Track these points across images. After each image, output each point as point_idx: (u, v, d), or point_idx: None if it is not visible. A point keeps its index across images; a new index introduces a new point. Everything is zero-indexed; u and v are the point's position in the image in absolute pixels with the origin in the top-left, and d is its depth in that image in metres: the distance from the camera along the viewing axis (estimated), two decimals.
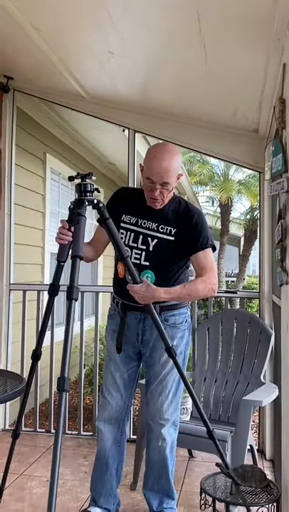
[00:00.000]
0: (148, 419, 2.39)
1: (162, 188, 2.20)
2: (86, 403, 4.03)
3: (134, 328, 2.34)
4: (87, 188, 2.11)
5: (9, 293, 3.72)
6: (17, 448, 3.25)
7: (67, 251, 2.13)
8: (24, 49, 2.97)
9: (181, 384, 2.36)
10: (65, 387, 1.78)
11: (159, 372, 2.33)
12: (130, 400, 2.45)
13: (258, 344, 3.10)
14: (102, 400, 2.44)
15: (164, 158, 2.18)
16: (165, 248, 2.27)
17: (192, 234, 2.27)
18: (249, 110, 3.08)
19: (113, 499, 2.44)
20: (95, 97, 3.54)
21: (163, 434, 2.33)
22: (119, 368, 2.38)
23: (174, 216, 2.29)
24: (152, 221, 2.29)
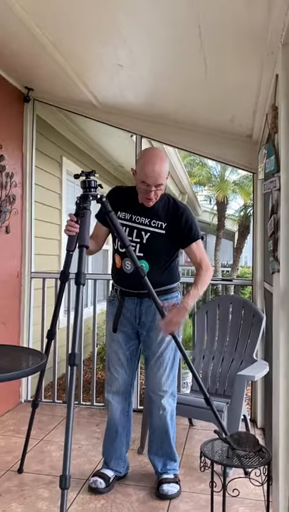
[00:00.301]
0: (149, 391, 2.41)
1: (156, 189, 2.21)
2: (98, 378, 4.05)
3: (132, 312, 2.35)
4: (91, 184, 2.14)
5: (31, 280, 3.73)
6: (37, 417, 3.29)
7: (75, 241, 2.16)
8: (42, 62, 2.95)
9: (177, 359, 2.39)
10: (75, 362, 1.80)
11: (156, 350, 2.34)
12: (134, 373, 2.47)
13: (250, 326, 3.09)
14: (109, 375, 2.45)
15: (156, 163, 2.18)
16: (157, 241, 2.28)
17: (184, 228, 2.29)
18: (244, 117, 3.06)
19: (123, 462, 2.46)
20: (106, 106, 3.52)
21: (163, 404, 2.34)
22: (121, 346, 2.39)
23: (165, 212, 2.30)
24: (145, 217, 2.30)
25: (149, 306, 2.30)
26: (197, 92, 2.88)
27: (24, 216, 3.70)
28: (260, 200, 3.42)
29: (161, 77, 2.83)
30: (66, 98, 3.57)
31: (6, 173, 3.39)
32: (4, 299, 3.43)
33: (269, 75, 2.33)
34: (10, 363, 2.00)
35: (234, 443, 1.96)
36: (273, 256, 1.94)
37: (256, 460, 1.91)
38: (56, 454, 2.77)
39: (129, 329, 2.38)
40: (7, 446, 2.84)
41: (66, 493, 1.69)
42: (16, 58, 3.01)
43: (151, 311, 2.31)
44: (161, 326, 2.20)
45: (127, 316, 2.36)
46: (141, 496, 2.32)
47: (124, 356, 2.40)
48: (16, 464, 2.59)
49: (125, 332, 2.38)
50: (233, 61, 2.33)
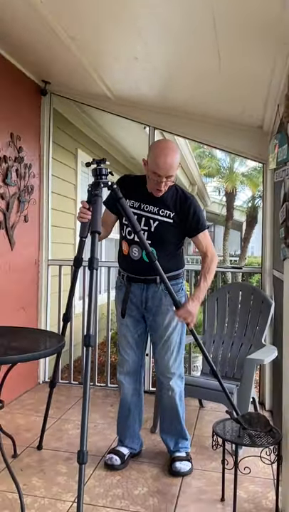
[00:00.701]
0: (158, 374, 2.41)
1: (167, 180, 2.19)
2: (112, 360, 4.05)
3: (138, 297, 2.34)
4: (102, 171, 2.12)
5: (48, 267, 3.74)
6: (55, 397, 3.31)
7: (87, 228, 2.16)
8: (60, 56, 2.92)
9: (183, 342, 2.39)
10: (90, 343, 1.80)
11: (163, 334, 2.33)
12: (143, 355, 2.48)
13: (259, 312, 3.07)
14: (120, 357, 2.46)
15: (168, 154, 2.16)
16: (164, 229, 2.27)
17: (192, 219, 2.28)
18: (255, 108, 3.01)
19: (137, 440, 2.47)
20: (120, 99, 3.48)
21: (171, 385, 2.35)
22: (130, 329, 2.39)
23: (173, 202, 2.28)
24: (153, 205, 2.28)
25: (156, 291, 2.30)
26: (210, 84, 2.83)
27: (41, 206, 3.69)
28: (269, 189, 3.38)
29: (174, 69, 2.78)
30: (82, 91, 3.54)
31: (25, 164, 3.38)
32: (23, 285, 3.45)
33: (281, 65, 2.28)
34: (30, 345, 2.01)
35: (245, 423, 1.95)
36: (285, 243, 1.91)
37: (267, 440, 1.91)
38: (73, 432, 2.79)
39: (136, 313, 2.38)
40: (27, 425, 2.87)
41: (84, 467, 1.70)
42: (33, 51, 2.97)
43: (157, 296, 2.31)
44: (178, 315, 2.22)
45: (133, 301, 2.35)
46: (154, 473, 2.33)
47: (132, 339, 2.40)
48: (36, 441, 2.61)
49: (133, 316, 2.38)
50: (247, 52, 2.27)
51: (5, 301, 3.18)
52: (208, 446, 2.60)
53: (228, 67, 2.52)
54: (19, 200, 3.31)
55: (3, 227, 3.12)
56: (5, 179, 3.10)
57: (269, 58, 2.27)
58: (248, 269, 4.07)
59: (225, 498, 2.10)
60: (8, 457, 2.34)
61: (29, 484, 2.17)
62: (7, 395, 3.09)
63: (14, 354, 1.81)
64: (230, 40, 2.22)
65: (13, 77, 3.25)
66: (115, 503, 2.04)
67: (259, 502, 2.09)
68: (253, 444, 1.88)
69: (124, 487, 2.18)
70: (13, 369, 2.11)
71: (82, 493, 1.68)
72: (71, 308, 2.44)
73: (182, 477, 2.29)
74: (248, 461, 2.19)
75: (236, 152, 3.65)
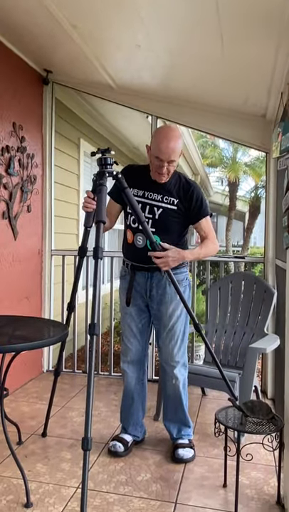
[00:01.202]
0: (162, 362, 2.42)
1: (169, 165, 2.19)
2: (115, 350, 4.08)
3: (142, 285, 2.35)
4: (107, 161, 2.13)
5: (51, 257, 3.74)
6: (59, 385, 3.34)
7: (92, 217, 2.16)
8: (62, 44, 2.89)
9: (187, 331, 2.40)
10: (95, 332, 1.82)
11: (167, 323, 2.34)
12: (147, 344, 2.49)
13: (262, 301, 3.07)
14: (123, 346, 2.48)
15: (170, 140, 2.17)
16: (169, 216, 2.27)
17: (195, 205, 2.29)
18: (258, 97, 2.97)
19: (140, 428, 2.49)
20: (122, 88, 3.45)
21: (175, 373, 2.36)
22: (134, 319, 2.40)
23: (176, 189, 2.29)
24: (157, 193, 2.29)
25: (160, 280, 2.31)
26: (213, 72, 2.80)
27: (44, 196, 3.68)
28: (272, 179, 3.35)
29: (177, 57, 2.75)
30: (84, 80, 3.50)
31: (27, 154, 3.37)
32: (27, 275, 3.46)
33: (285, 53, 2.25)
34: (34, 334, 2.02)
35: (247, 410, 1.96)
36: (288, 231, 1.90)
37: (269, 427, 1.92)
38: (77, 420, 2.81)
39: (140, 302, 2.39)
40: (31, 412, 2.89)
41: (88, 454, 1.72)
42: (35, 40, 2.94)
43: (161, 285, 2.31)
44: (153, 256, 2.16)
45: (138, 289, 2.36)
46: (157, 460, 2.35)
47: (136, 328, 2.41)
48: (40, 428, 2.64)
49: (137, 305, 2.39)
50: (250, 38, 2.24)
51: (9, 290, 3.19)
52: (211, 434, 2.62)
53: (231, 56, 2.49)
54: (22, 190, 3.30)
55: (6, 217, 3.11)
56: (8, 169, 3.09)
57: (272, 46, 2.24)
58: (251, 258, 4.05)
59: (227, 485, 2.12)
60: (13, 444, 2.36)
61: (34, 470, 2.20)
62: (12, 384, 3.13)
63: (18, 343, 1.82)
64: (234, 27, 2.19)
65: (15, 66, 3.23)
66: (119, 489, 2.06)
67: (261, 488, 2.11)
68: (255, 431, 1.89)
69: (128, 473, 2.20)
70: (17, 358, 2.12)
71: (87, 479, 1.70)
72: (75, 298, 2.44)
73: (185, 464, 2.31)
74: (250, 448, 2.21)
75: (239, 141, 3.62)
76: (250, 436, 2.26)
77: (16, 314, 2.96)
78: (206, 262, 3.83)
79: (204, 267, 4.75)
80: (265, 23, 2.06)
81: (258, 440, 1.96)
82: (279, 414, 2.03)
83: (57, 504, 1.93)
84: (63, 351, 2.58)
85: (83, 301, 3.86)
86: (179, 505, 1.96)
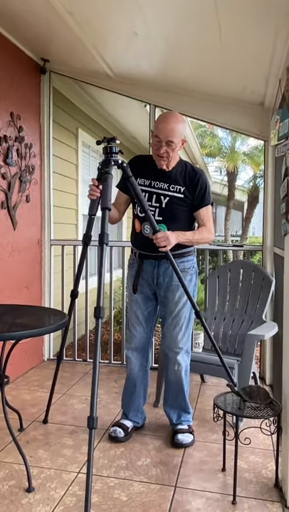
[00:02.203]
0: (165, 348, 2.43)
1: (167, 147, 2.20)
2: (115, 339, 4.10)
3: (150, 273, 2.36)
4: (112, 149, 2.14)
5: (50, 247, 3.74)
6: (60, 373, 3.35)
7: (96, 205, 2.19)
8: (59, 32, 2.85)
9: (192, 318, 2.41)
10: (100, 315, 1.83)
11: (173, 309, 2.35)
12: (151, 332, 2.50)
13: (260, 289, 3.07)
14: (128, 333, 2.49)
15: (169, 120, 2.21)
16: (175, 205, 2.28)
17: (199, 192, 2.30)
18: (257, 84, 2.95)
19: (140, 414, 2.51)
20: (120, 76, 3.42)
21: (178, 360, 2.37)
22: (140, 306, 2.42)
23: (182, 177, 2.30)
24: (164, 182, 2.29)
25: (167, 268, 2.32)
26: (211, 59, 2.77)
27: (43, 186, 3.67)
28: (271, 167, 3.34)
29: (175, 45, 2.72)
30: (82, 69, 3.47)
31: (25, 143, 3.34)
32: (27, 264, 3.45)
33: (283, 39, 2.23)
34: (34, 322, 2.03)
35: (246, 395, 1.98)
36: (286, 218, 1.90)
37: (267, 412, 1.93)
38: (78, 407, 2.83)
39: (147, 290, 2.40)
40: (32, 400, 2.91)
41: (94, 432, 1.73)
42: (31, 28, 2.91)
43: (168, 272, 2.32)
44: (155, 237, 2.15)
45: (145, 277, 2.37)
46: (157, 445, 2.37)
47: (142, 316, 2.42)
48: (41, 415, 2.66)
49: (144, 293, 2.40)
50: (248, 24, 2.21)
51: (9, 280, 3.19)
52: (210, 420, 2.64)
53: (229, 43, 2.46)
54: (20, 180, 3.29)
55: (5, 206, 3.10)
56: (6, 159, 3.08)
57: (271, 32, 2.21)
58: (249, 247, 4.05)
59: (226, 469, 2.14)
60: (15, 431, 2.39)
61: (35, 456, 2.22)
62: (13, 372, 3.14)
63: (18, 330, 1.83)
64: (231, 14, 2.16)
65: (12, 55, 3.19)
66: (119, 474, 2.08)
67: (259, 472, 2.13)
68: (253, 416, 1.91)
69: (128, 458, 2.22)
70: (18, 346, 2.13)
71: (92, 458, 1.70)
72: (78, 285, 2.47)
73: (184, 448, 2.33)
74: (248, 433, 2.23)
75: (238, 130, 3.60)
76: (249, 421, 2.29)
77: (16, 303, 2.97)
78: (205, 251, 3.83)
79: (203, 256, 4.75)
80: (262, 9, 2.03)
81: (256, 425, 1.97)
82: (277, 400, 2.04)
83: (58, 488, 1.95)
84: (66, 338, 2.61)
85: (83, 291, 3.86)
86: (178, 488, 1.98)
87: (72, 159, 4.77)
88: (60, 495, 1.90)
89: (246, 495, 1.94)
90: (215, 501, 1.89)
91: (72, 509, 1.81)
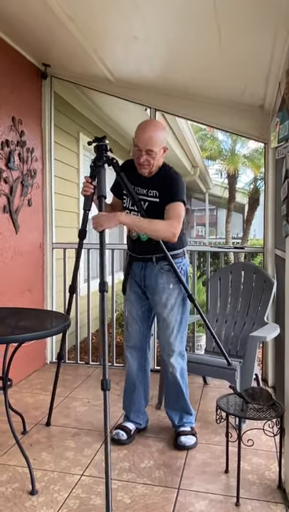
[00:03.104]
0: (161, 351, 2.45)
1: (148, 156, 2.21)
2: (117, 341, 4.09)
3: (138, 275, 2.41)
4: (102, 147, 2.25)
5: (52, 251, 3.74)
6: (62, 376, 3.35)
7: (90, 201, 2.30)
8: (60, 38, 2.87)
9: (184, 321, 2.40)
10: (105, 289, 1.95)
11: (161, 312, 2.36)
12: (148, 331, 2.51)
13: (262, 291, 3.07)
14: (125, 332, 2.52)
15: (149, 129, 2.21)
16: (154, 209, 2.28)
17: (168, 189, 2.26)
18: (256, 87, 2.95)
19: (142, 415, 2.51)
20: (120, 81, 3.43)
21: (172, 362, 2.38)
22: (134, 305, 2.45)
23: (158, 181, 2.29)
24: (143, 188, 2.31)
25: (152, 270, 2.35)
26: (210, 63, 2.78)
27: (45, 190, 3.68)
28: (271, 169, 3.34)
29: (175, 48, 2.73)
30: (82, 74, 3.49)
31: (27, 148, 3.36)
32: (29, 268, 3.46)
33: (282, 41, 2.23)
34: (36, 324, 2.03)
35: (248, 397, 1.97)
36: (286, 220, 1.90)
37: (269, 413, 1.93)
38: (80, 410, 2.83)
39: (139, 290, 2.43)
40: (35, 403, 2.91)
41: (108, 394, 1.87)
42: (32, 33, 2.92)
43: (153, 274, 2.35)
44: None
45: (135, 279, 2.43)
46: (160, 447, 2.37)
47: (137, 314, 2.45)
48: (44, 418, 2.65)
49: (136, 292, 2.44)
50: (247, 27, 2.22)
51: (11, 283, 3.20)
52: (213, 421, 2.64)
53: (228, 45, 2.47)
54: (22, 184, 3.30)
55: (7, 211, 3.11)
56: (8, 163, 3.09)
57: (270, 35, 2.22)
58: (251, 249, 4.05)
59: (229, 470, 2.13)
60: (18, 434, 2.38)
61: (38, 459, 2.22)
62: (16, 375, 3.14)
63: (21, 333, 1.83)
64: (231, 17, 2.16)
65: (13, 60, 3.21)
66: (122, 476, 2.08)
67: (262, 473, 2.12)
68: (255, 417, 1.90)
69: (131, 460, 2.22)
70: (21, 350, 2.13)
71: (109, 417, 1.87)
72: (77, 280, 2.52)
73: (187, 451, 2.32)
74: (251, 435, 2.23)
75: (238, 132, 3.61)
76: (252, 422, 2.28)
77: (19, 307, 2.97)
78: (207, 254, 3.83)
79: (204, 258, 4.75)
80: (262, 11, 2.04)
81: (259, 426, 1.97)
82: (280, 401, 2.04)
83: (62, 491, 1.95)
84: (66, 338, 2.64)
85: (85, 294, 3.86)
86: (181, 490, 1.98)
87: (74, 163, 4.79)
88: (63, 497, 1.90)
89: (249, 496, 1.93)
90: (218, 503, 1.89)
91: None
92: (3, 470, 2.11)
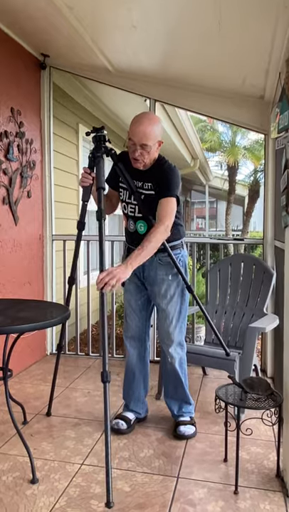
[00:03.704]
0: (160, 341, 2.47)
1: (142, 150, 2.18)
2: (117, 333, 4.11)
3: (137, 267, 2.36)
4: (100, 138, 2.25)
5: (52, 243, 3.74)
6: (62, 368, 3.38)
7: (89, 192, 2.30)
8: (59, 27, 2.84)
9: (183, 312, 2.41)
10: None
11: (160, 303, 2.37)
12: (147, 321, 2.51)
13: (261, 282, 3.08)
14: (124, 323, 2.53)
15: (144, 123, 2.16)
16: (150, 201, 2.26)
17: (162, 183, 2.23)
18: (256, 77, 2.93)
19: (142, 404, 2.53)
20: (120, 71, 3.41)
21: (171, 352, 2.39)
22: (133, 296, 2.46)
23: (153, 173, 2.27)
24: (139, 181, 2.30)
25: (151, 261, 2.32)
26: (210, 52, 2.75)
27: (44, 181, 3.67)
28: (271, 160, 3.33)
29: (174, 37, 2.70)
30: (81, 64, 3.46)
31: (26, 139, 3.34)
32: (28, 260, 3.46)
33: (282, 30, 2.21)
34: (36, 315, 2.03)
35: (247, 387, 1.98)
36: (286, 210, 1.90)
37: (268, 403, 1.94)
38: (81, 400, 2.85)
39: (137, 281, 2.44)
40: (36, 393, 2.93)
41: (108, 386, 1.91)
42: (31, 23, 2.90)
43: (153, 266, 2.35)
44: (98, 278, 1.96)
45: (134, 270, 2.37)
46: (160, 437, 2.38)
47: (136, 305, 2.45)
48: (44, 408, 2.67)
49: (135, 283, 2.44)
50: (248, 16, 2.19)
51: (10, 275, 3.20)
52: (212, 412, 2.66)
53: (228, 35, 2.45)
54: (21, 176, 3.29)
55: (6, 202, 3.11)
56: (7, 154, 3.08)
57: (270, 24, 2.20)
58: (250, 240, 4.05)
59: (228, 459, 2.15)
60: (19, 424, 2.40)
61: (39, 448, 2.24)
62: (16, 366, 3.16)
63: (21, 323, 1.83)
64: (231, 5, 2.14)
65: (12, 50, 3.18)
66: (122, 465, 2.10)
67: (261, 462, 2.14)
68: (254, 407, 1.92)
69: (131, 450, 2.24)
70: (22, 341, 2.14)
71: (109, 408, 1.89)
72: (76, 271, 2.54)
73: (186, 440, 2.34)
74: (249, 424, 2.24)
75: (238, 123, 3.58)
76: (250, 412, 2.30)
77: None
78: (206, 245, 3.83)
79: (204, 250, 4.75)
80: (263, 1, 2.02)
81: (258, 416, 1.98)
82: (279, 391, 2.05)
83: (62, 480, 1.97)
84: (66, 328, 2.66)
85: (85, 286, 3.87)
86: (181, 479, 2.00)
87: (73, 154, 4.77)
88: (63, 486, 1.92)
89: (248, 485, 1.96)
90: (217, 491, 1.91)
91: (75, 500, 1.82)
92: (4, 459, 2.13)
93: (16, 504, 1.79)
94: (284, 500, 1.85)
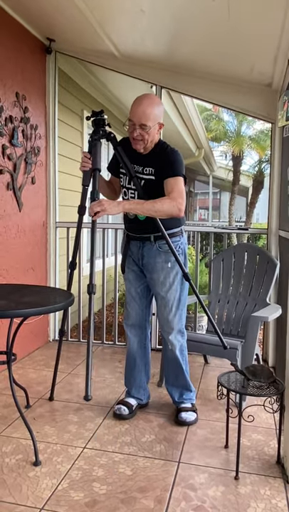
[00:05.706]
0: (160, 329, 2.48)
1: (141, 130, 2.16)
2: (119, 321, 4.13)
3: (136, 254, 2.41)
4: (100, 122, 2.27)
5: (56, 229, 3.75)
6: (65, 354, 3.41)
7: (89, 176, 2.29)
8: (65, 10, 2.81)
9: (183, 299, 2.41)
10: (93, 291, 2.06)
11: (159, 290, 2.37)
12: (147, 309, 2.53)
13: (265, 272, 3.08)
14: (125, 311, 2.55)
15: (144, 103, 2.16)
16: (151, 186, 2.25)
17: (166, 164, 2.20)
18: (265, 65, 2.90)
19: (143, 390, 2.55)
20: (126, 57, 3.38)
21: (171, 340, 2.40)
22: (133, 284, 2.46)
23: (154, 157, 2.25)
24: (139, 165, 2.28)
25: (150, 249, 2.34)
26: (218, 38, 2.72)
27: (48, 168, 3.66)
28: (277, 149, 3.31)
29: (182, 22, 2.67)
30: (87, 49, 3.43)
31: (31, 124, 3.33)
32: (32, 246, 3.47)
33: None
34: (40, 300, 2.05)
35: (249, 374, 2.00)
36: None
37: (270, 390, 1.96)
38: (83, 386, 2.87)
39: (137, 269, 2.44)
40: (38, 378, 2.96)
41: (93, 297, 2.05)
42: (36, 6, 2.86)
43: (152, 253, 2.35)
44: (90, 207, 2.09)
45: (133, 257, 2.43)
46: (161, 422, 2.41)
47: (135, 293, 2.46)
48: (47, 393, 2.70)
49: (134, 271, 2.45)
50: (258, 2, 2.17)
51: (14, 261, 3.21)
52: (213, 399, 2.68)
53: (237, 21, 2.41)
54: (26, 162, 3.28)
55: (10, 188, 3.10)
56: (11, 140, 3.06)
57: (280, 9, 2.17)
58: (255, 230, 4.04)
59: (229, 446, 2.17)
60: (22, 408, 2.43)
61: (42, 432, 2.26)
62: (19, 352, 3.19)
63: (25, 308, 1.84)
64: None
65: (17, 34, 3.15)
66: (124, 449, 2.13)
67: (261, 449, 2.17)
68: (256, 394, 1.93)
69: (132, 435, 2.27)
70: (25, 327, 2.15)
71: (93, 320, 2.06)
72: (77, 256, 2.56)
73: (188, 426, 2.37)
74: (251, 411, 2.26)
75: (245, 112, 3.55)
76: (252, 399, 2.32)
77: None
78: (210, 235, 3.83)
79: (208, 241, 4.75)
80: None
81: (260, 403, 2.00)
82: (281, 379, 2.06)
83: (64, 463, 1.99)
84: (68, 314, 2.68)
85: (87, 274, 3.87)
86: (182, 464, 2.02)
87: (78, 141, 4.74)
88: (66, 468, 1.95)
89: (248, 471, 1.98)
90: (218, 476, 1.93)
91: (78, 482, 1.85)
92: (7, 442, 2.15)
93: (19, 485, 1.82)
94: (284, 486, 1.88)
